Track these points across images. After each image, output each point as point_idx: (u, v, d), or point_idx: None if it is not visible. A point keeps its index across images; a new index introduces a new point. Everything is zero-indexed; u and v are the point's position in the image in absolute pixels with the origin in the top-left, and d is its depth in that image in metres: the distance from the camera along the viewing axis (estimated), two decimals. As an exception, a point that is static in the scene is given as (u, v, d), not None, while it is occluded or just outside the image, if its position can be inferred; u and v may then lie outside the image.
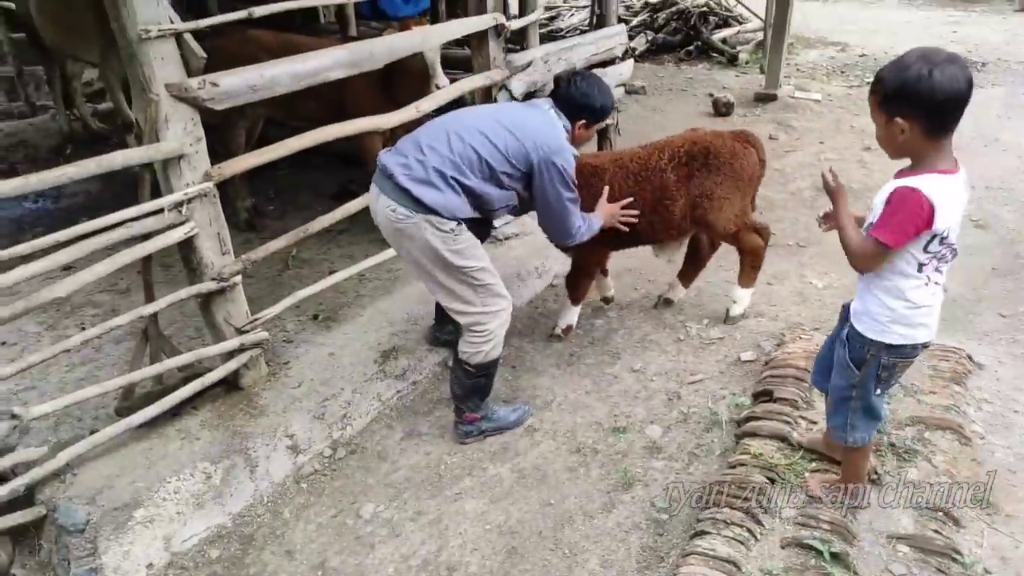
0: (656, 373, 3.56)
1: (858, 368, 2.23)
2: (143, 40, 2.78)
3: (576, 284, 3.90)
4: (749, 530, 2.32)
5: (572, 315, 3.97)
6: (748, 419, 2.92)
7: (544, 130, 2.89)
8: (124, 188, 3.61)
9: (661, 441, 3.08)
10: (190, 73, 3.00)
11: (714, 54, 10.31)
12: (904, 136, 1.94)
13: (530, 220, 4.98)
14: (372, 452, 3.32)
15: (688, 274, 4.13)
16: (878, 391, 2.25)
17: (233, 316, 3.37)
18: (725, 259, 4.62)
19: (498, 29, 4.36)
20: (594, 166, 3.61)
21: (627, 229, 3.46)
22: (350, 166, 6.27)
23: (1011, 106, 7.57)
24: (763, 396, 3.05)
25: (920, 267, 2.07)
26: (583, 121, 3.05)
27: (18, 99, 8.92)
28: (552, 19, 12.16)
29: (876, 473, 2.53)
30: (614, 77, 5.82)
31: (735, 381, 3.37)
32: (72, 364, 3.77)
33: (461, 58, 5.67)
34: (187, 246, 3.18)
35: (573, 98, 2.99)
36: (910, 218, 1.94)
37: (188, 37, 2.98)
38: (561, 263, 4.74)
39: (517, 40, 5.25)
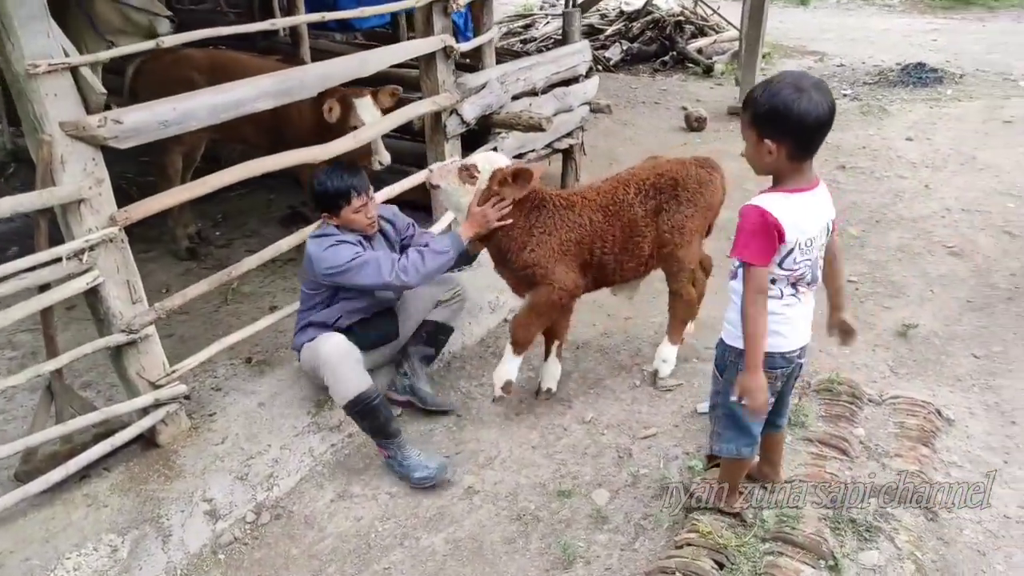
0: (607, 425, 3.32)
1: (721, 375, 2.32)
2: (31, 76, 2.52)
3: (525, 326, 3.27)
4: (693, 628, 2.08)
5: (512, 367, 3.32)
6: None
7: (307, 252, 3.18)
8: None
9: (607, 509, 2.83)
10: (89, 110, 2.73)
11: (690, 64, 10.12)
12: (772, 157, 2.01)
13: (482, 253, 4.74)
14: (299, 517, 3.06)
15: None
16: (743, 402, 2.18)
17: (147, 369, 3.11)
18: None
19: (447, 51, 4.11)
20: (566, 198, 3.28)
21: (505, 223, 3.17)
22: (303, 188, 6.01)
23: (989, 121, 7.39)
24: (716, 460, 2.81)
25: (772, 281, 2.11)
26: (325, 213, 3.17)
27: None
28: (527, 27, 11.94)
29: (833, 557, 2.29)
30: (578, 95, 5.59)
31: (689, 437, 3.13)
32: (-21, 417, 3.48)
33: (413, 78, 5.41)
34: (92, 296, 2.92)
35: (315, 198, 3.17)
36: (763, 233, 2.02)
37: (85, 71, 2.71)
38: (515, 298, 4.49)
39: (474, 59, 5.01)
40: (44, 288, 2.80)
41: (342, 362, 3.06)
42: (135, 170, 5.98)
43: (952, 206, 5.53)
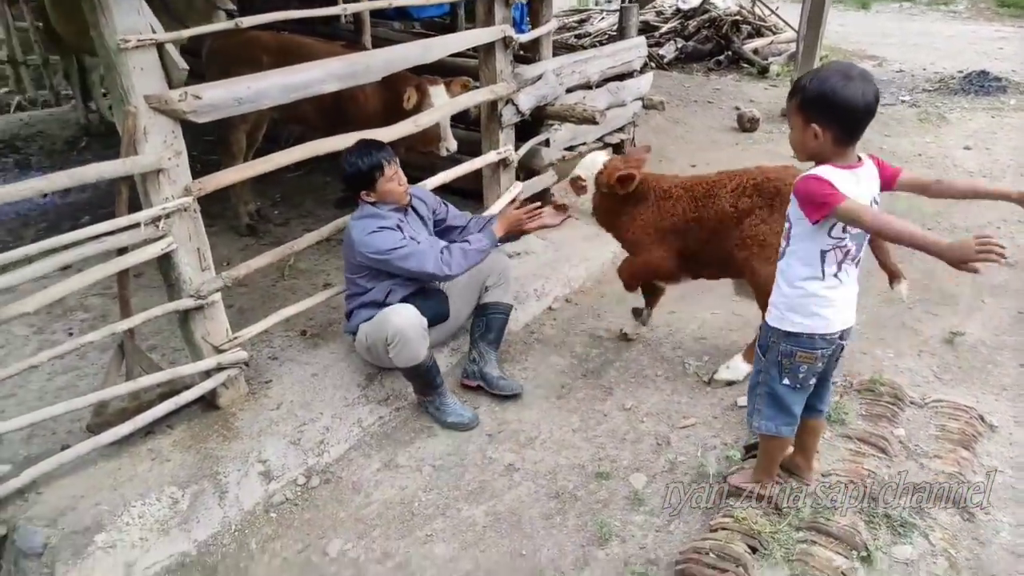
0: (647, 413, 3.39)
1: (764, 355, 2.41)
2: (121, 50, 2.68)
3: (622, 271, 3.81)
4: (724, 607, 2.15)
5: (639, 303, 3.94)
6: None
7: (348, 236, 3.39)
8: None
9: (644, 492, 2.91)
10: (171, 84, 2.90)
11: (744, 64, 10.05)
12: (817, 141, 2.09)
13: (534, 239, 4.85)
14: (347, 483, 3.20)
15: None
16: (784, 381, 2.35)
17: (212, 334, 3.27)
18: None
19: (506, 41, 4.20)
20: (666, 190, 3.53)
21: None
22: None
23: (1053, 132, 7.23)
24: (754, 451, 2.86)
25: (822, 256, 2.18)
26: (363, 191, 3.33)
27: (44, 88, 9.00)
28: (582, 22, 11.97)
29: (867, 548, 2.34)
30: (632, 91, 5.64)
31: (728, 428, 3.18)
32: (54, 372, 3.70)
33: (472, 67, 5.52)
34: (166, 261, 3.09)
35: (344, 181, 3.40)
36: (821, 188, 2.06)
37: (170, 47, 2.87)
38: (562, 286, 4.59)
39: (532, 51, 5.09)
40: (122, 252, 2.98)
41: (412, 329, 3.22)
42: (199, 148, 6.21)
43: (1009, 217, 5.44)
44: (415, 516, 2.99)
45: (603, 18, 12.10)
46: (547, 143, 4.99)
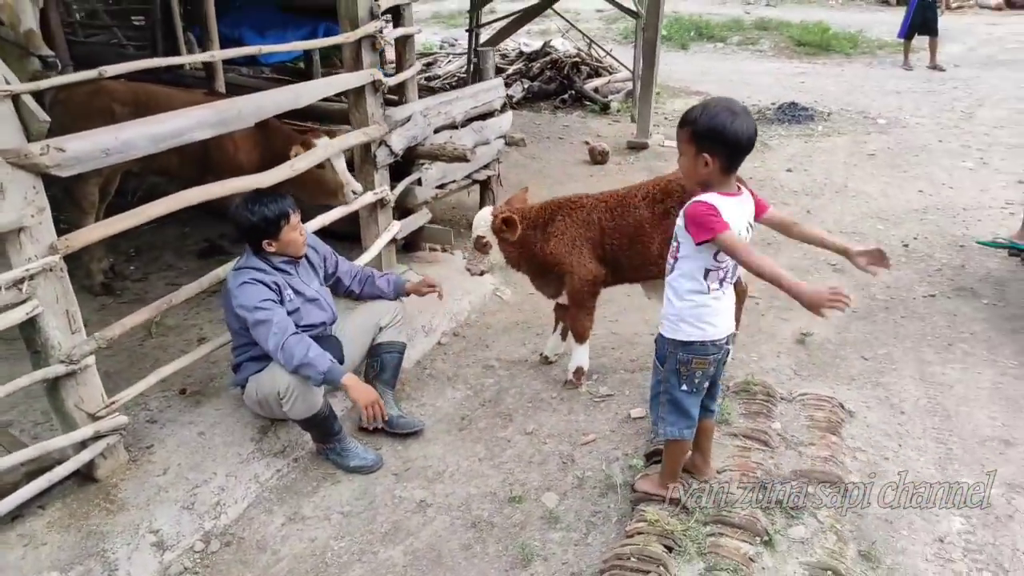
0: (549, 435, 3.51)
1: (662, 365, 2.59)
2: (-28, 103, 2.49)
3: (575, 318, 3.82)
4: (651, 606, 2.28)
5: (582, 356, 3.88)
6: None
7: (226, 284, 3.34)
8: None
9: (558, 510, 3.00)
10: (30, 137, 2.71)
11: (587, 102, 10.66)
12: (707, 169, 2.31)
13: (414, 276, 4.88)
14: (250, 543, 3.06)
15: None
16: (683, 387, 2.55)
17: (86, 401, 3.04)
18: (608, 306, 4.69)
19: (375, 85, 4.26)
20: (576, 200, 3.75)
21: None
22: (219, 219, 5.94)
23: (855, 154, 8.24)
24: (655, 456, 3.05)
25: (706, 274, 2.42)
26: (264, 240, 3.25)
27: None
28: (429, 66, 12.22)
29: (767, 533, 2.56)
30: (494, 129, 5.85)
31: (627, 440, 3.36)
32: None
33: (338, 112, 5.52)
34: (30, 326, 2.85)
35: (242, 232, 3.28)
36: (710, 214, 2.26)
37: (27, 99, 2.70)
38: (449, 319, 4.65)
39: (396, 93, 5.17)
40: (-23, 320, 2.72)
41: (301, 384, 3.15)
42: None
43: (832, 228, 6.13)
44: (329, 566, 2.91)
45: (450, 61, 12.43)
46: (419, 182, 5.06)
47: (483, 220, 3.77)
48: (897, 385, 3.80)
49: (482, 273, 3.92)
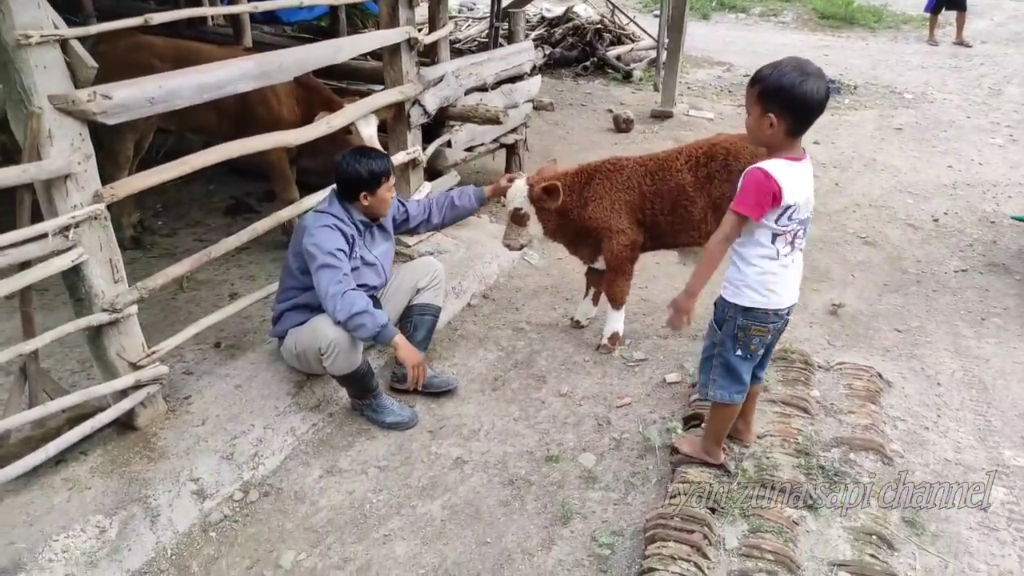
0: (584, 397, 3.52)
1: (719, 328, 2.57)
2: (22, 46, 2.46)
3: (614, 284, 3.78)
4: (696, 564, 2.29)
5: (618, 321, 3.85)
6: (682, 445, 2.92)
7: (303, 223, 3.33)
8: None
9: (596, 470, 3.02)
10: (77, 84, 2.69)
11: (609, 70, 10.53)
12: (772, 130, 2.25)
13: (444, 238, 4.87)
14: (288, 493, 3.09)
15: None
16: (738, 352, 2.54)
17: (127, 350, 3.06)
18: (638, 273, 4.66)
19: (411, 43, 4.21)
20: (615, 163, 3.71)
21: None
22: (244, 178, 5.93)
23: (883, 128, 8.14)
24: (693, 420, 3.06)
25: (773, 238, 2.38)
26: (363, 193, 3.26)
27: None
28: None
29: (811, 497, 2.57)
30: (523, 93, 5.79)
31: (663, 404, 3.37)
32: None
33: (368, 71, 5.46)
34: (74, 274, 2.86)
35: (340, 181, 3.29)
36: (762, 192, 2.27)
37: (76, 44, 2.66)
38: (478, 282, 4.64)
39: (427, 54, 5.12)
40: (24, 265, 2.73)
41: (346, 338, 3.15)
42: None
43: (861, 202, 6.08)
44: (368, 518, 2.93)
45: (469, 25, 12.27)
46: (449, 144, 5.03)
47: (519, 192, 3.67)
48: (932, 357, 3.79)
49: (522, 247, 3.87)
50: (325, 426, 3.46)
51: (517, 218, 3.73)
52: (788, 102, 2.19)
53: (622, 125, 7.92)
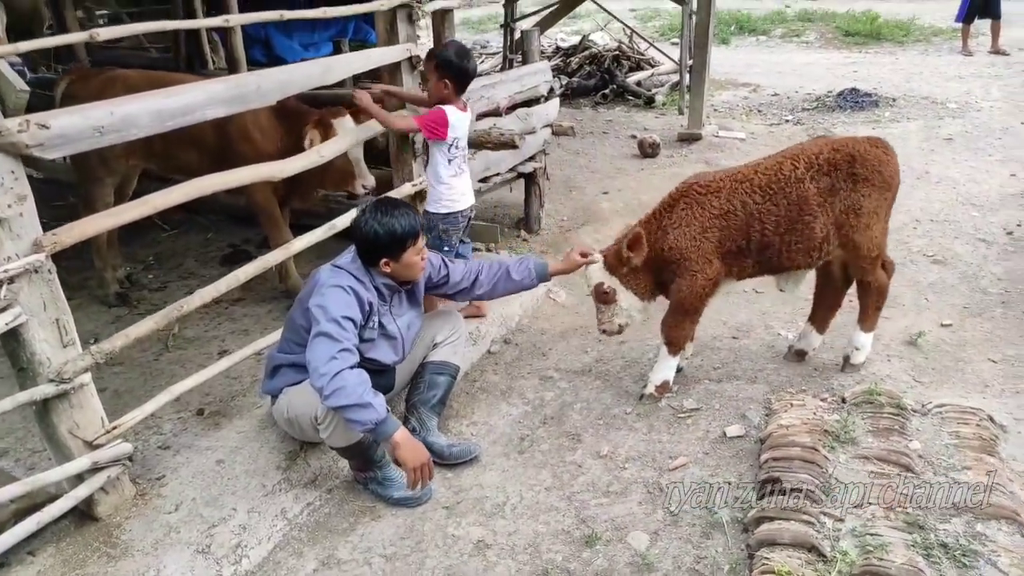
0: (627, 458, 2.94)
1: (429, 232, 3.50)
2: (-69, 67, 2.03)
3: (678, 326, 3.23)
4: None
5: (669, 368, 3.30)
6: (758, 520, 2.33)
7: (316, 276, 2.84)
8: None
9: (650, 554, 2.43)
10: (6, 112, 2.25)
11: (630, 97, 10.10)
12: (446, 90, 3.47)
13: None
14: (276, 594, 2.54)
15: (824, 317, 3.46)
16: (445, 248, 3.68)
17: (82, 426, 2.58)
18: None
19: (412, 61, 3.76)
20: (708, 184, 3.13)
21: None
22: (244, 224, 5.51)
23: (931, 139, 7.55)
24: (769, 485, 2.47)
25: (450, 161, 3.60)
26: (384, 260, 2.76)
27: None
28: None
29: (937, 589, 1.97)
30: (541, 117, 5.33)
31: (726, 464, 2.78)
32: None
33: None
34: (12, 339, 2.39)
35: (360, 243, 2.78)
36: (437, 122, 3.47)
37: (3, 66, 2.24)
38: (499, 326, 4.11)
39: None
40: (-51, 332, 2.27)
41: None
42: (47, 215, 5.35)
43: (920, 217, 5.49)
44: (371, 626, 2.38)
45: (483, 60, 11.96)
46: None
47: (595, 270, 3.24)
48: (1042, 392, 3.17)
49: (620, 329, 3.34)
50: (322, 505, 2.92)
51: (600, 296, 3.26)
52: (456, 71, 3.42)
53: (648, 150, 7.43)
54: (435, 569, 2.55)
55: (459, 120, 3.49)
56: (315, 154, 3.36)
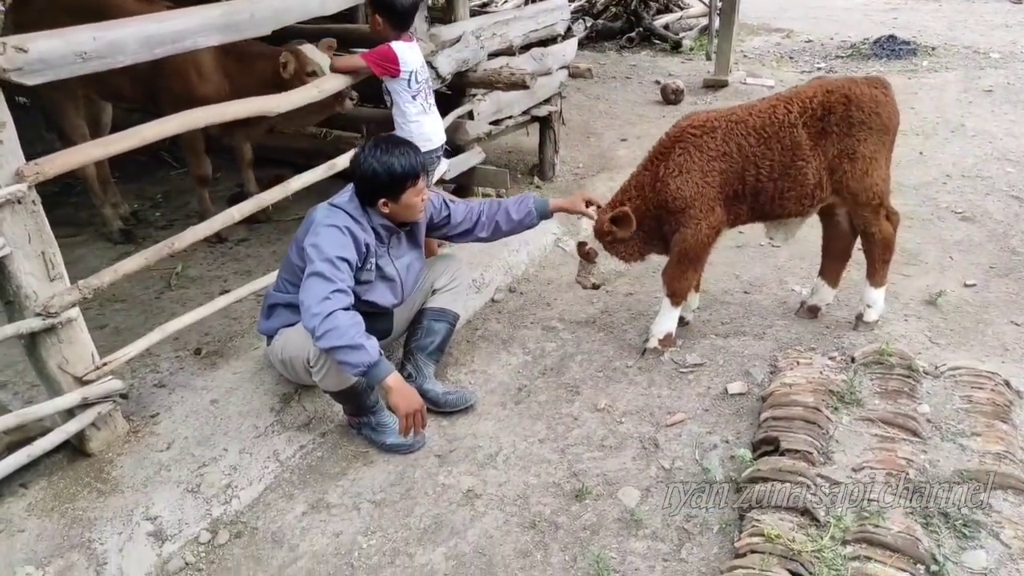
0: (625, 412, 2.87)
1: None
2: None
3: (681, 276, 3.11)
4: (779, 661, 1.65)
5: (671, 319, 3.21)
6: (752, 480, 2.25)
7: (312, 215, 2.74)
8: None
9: (640, 511, 2.38)
10: (-18, 35, 2.16)
11: (657, 41, 9.76)
12: (380, 27, 3.37)
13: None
14: (264, 534, 2.54)
15: (834, 270, 3.33)
16: None
17: (71, 362, 2.55)
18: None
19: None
20: (703, 124, 2.96)
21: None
22: (253, 166, 5.42)
23: (969, 90, 7.20)
24: (766, 446, 2.39)
25: (413, 97, 3.47)
26: (382, 199, 2.67)
27: None
28: (486, 4, 11.41)
29: (934, 559, 1.89)
30: (557, 58, 5.13)
31: (725, 422, 2.70)
32: None
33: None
34: (-1, 271, 2.34)
35: (358, 182, 2.69)
36: (384, 57, 3.37)
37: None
38: (504, 274, 4.02)
39: (445, 13, 4.52)
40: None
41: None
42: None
43: (952, 172, 5.26)
44: (356, 569, 2.36)
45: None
46: (471, 115, 4.41)
47: (587, 224, 3.20)
48: (1065, 357, 3.03)
49: (595, 287, 3.34)
50: (315, 449, 2.90)
51: (583, 253, 3.23)
52: (391, 10, 3.29)
53: (671, 96, 7.18)
54: (423, 516, 2.52)
55: (408, 53, 3.35)
56: (314, 90, 3.24)
